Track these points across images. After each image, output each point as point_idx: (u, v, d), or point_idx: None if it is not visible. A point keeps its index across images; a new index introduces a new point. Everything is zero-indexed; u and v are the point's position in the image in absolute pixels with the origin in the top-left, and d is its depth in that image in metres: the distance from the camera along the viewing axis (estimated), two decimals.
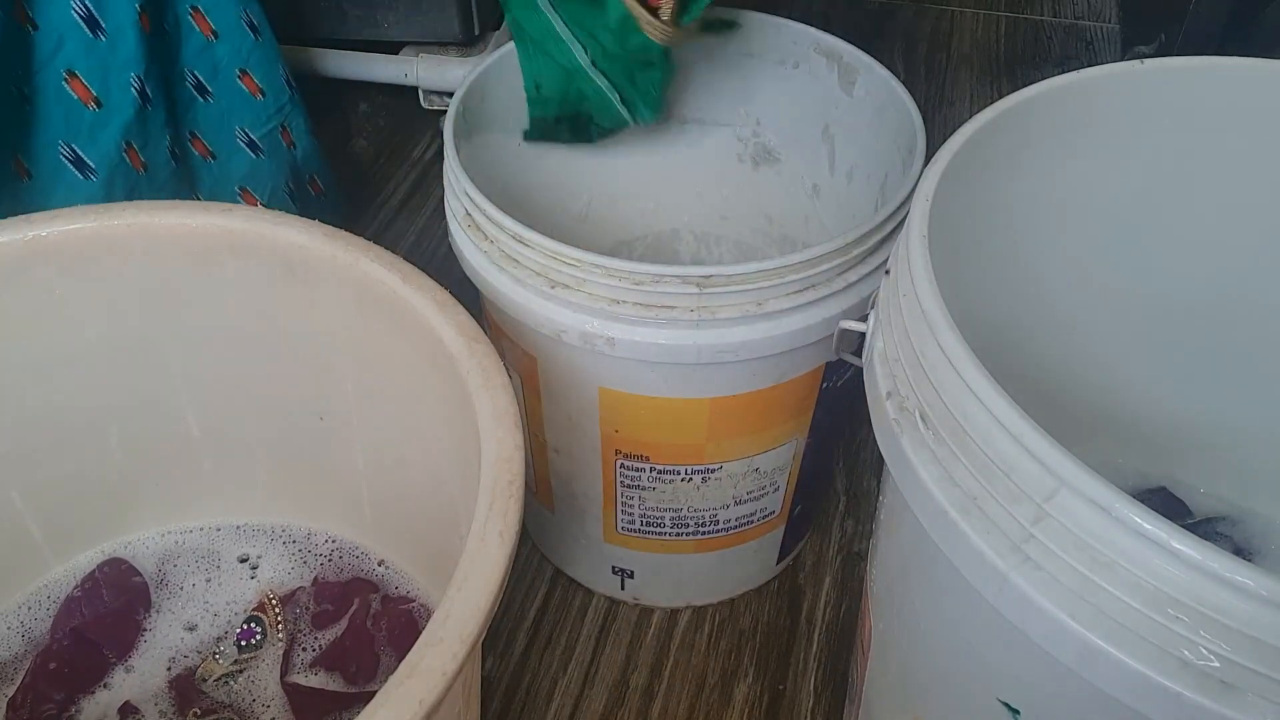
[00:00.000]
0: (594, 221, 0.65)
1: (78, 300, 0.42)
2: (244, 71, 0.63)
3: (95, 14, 0.54)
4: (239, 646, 0.46)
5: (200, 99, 0.62)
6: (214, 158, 0.64)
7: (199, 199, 0.64)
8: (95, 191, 0.57)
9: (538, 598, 0.60)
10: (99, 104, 0.56)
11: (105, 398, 0.45)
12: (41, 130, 0.54)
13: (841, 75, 0.55)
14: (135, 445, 0.48)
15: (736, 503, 0.53)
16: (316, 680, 0.46)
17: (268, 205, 0.66)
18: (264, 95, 0.64)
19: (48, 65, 0.54)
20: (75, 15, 0.54)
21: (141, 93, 0.57)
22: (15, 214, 0.41)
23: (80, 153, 0.56)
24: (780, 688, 0.56)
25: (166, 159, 0.60)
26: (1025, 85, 0.39)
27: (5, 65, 0.52)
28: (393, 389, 0.42)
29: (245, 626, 0.47)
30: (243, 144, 0.65)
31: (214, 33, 0.61)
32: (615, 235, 0.67)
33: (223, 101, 0.63)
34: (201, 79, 0.62)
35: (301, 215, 0.69)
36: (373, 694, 0.26)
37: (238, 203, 0.65)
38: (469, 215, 0.46)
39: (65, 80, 0.54)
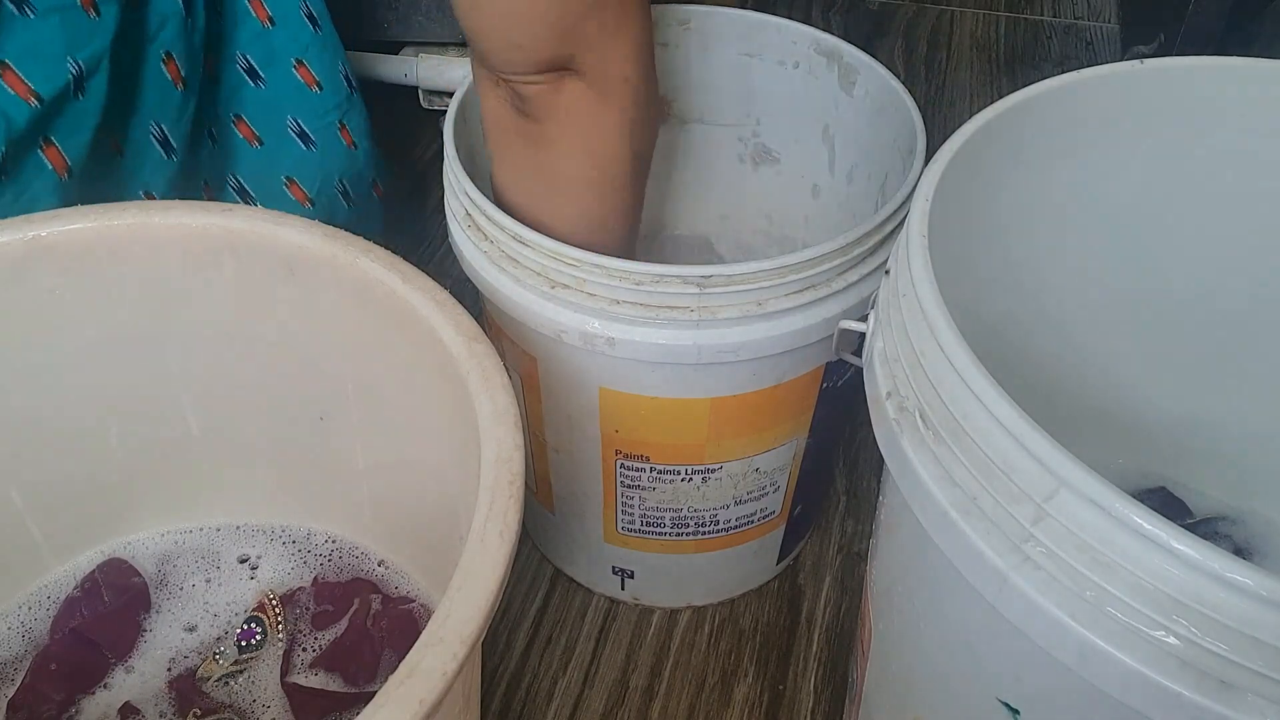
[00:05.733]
0: None
1: (78, 300, 0.42)
2: (300, 62, 0.63)
3: None
4: (239, 647, 0.46)
5: (250, 83, 0.62)
6: (260, 143, 0.63)
7: (236, 181, 0.64)
8: (174, 170, 0.57)
9: (538, 598, 0.60)
10: (185, 84, 0.56)
11: (105, 398, 0.45)
12: (138, 110, 0.55)
13: (841, 75, 0.55)
14: (135, 445, 0.48)
15: (737, 503, 0.53)
16: (316, 680, 0.46)
17: (315, 199, 0.66)
18: (321, 89, 0.64)
19: (150, 46, 0.54)
20: None
21: (208, 72, 0.58)
22: (108, 192, 0.40)
23: (167, 132, 0.56)
24: (780, 688, 0.56)
25: (205, 138, 0.60)
26: (1025, 85, 0.39)
27: (122, 49, 0.52)
28: (393, 389, 0.42)
29: (245, 627, 0.47)
30: (293, 134, 0.64)
31: (270, 19, 0.61)
32: None
33: (275, 89, 0.63)
34: (254, 63, 0.62)
35: (358, 217, 0.68)
36: (373, 694, 0.26)
37: (283, 191, 0.65)
38: (469, 215, 0.46)
39: (163, 61, 0.55)
